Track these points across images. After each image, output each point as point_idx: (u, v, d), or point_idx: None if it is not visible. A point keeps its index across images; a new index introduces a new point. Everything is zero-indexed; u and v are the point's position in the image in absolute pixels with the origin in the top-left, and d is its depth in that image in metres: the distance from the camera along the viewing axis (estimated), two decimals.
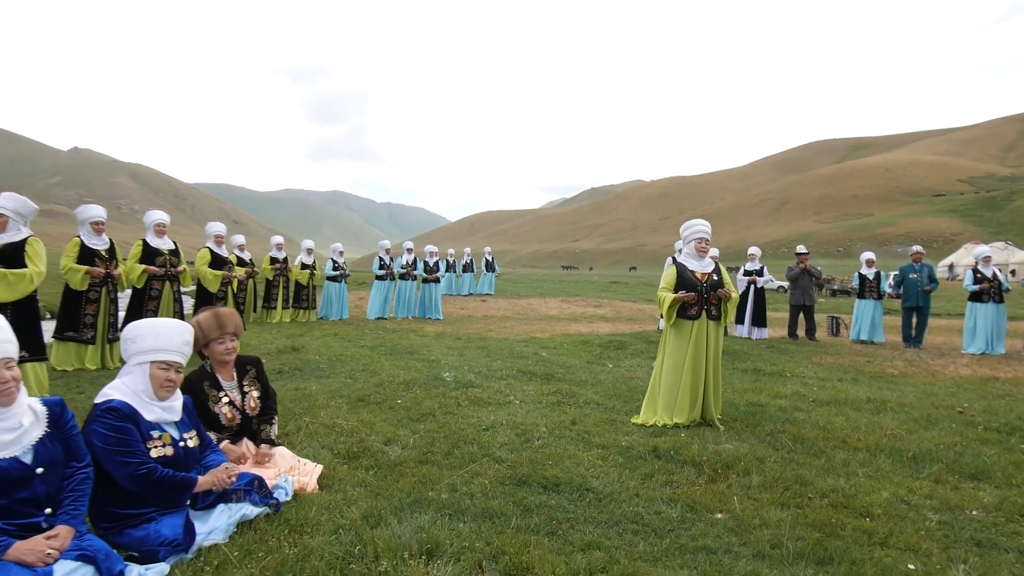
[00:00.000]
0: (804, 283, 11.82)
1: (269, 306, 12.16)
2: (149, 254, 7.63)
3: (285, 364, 7.20)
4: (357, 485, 3.40)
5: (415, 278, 14.18)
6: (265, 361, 3.86)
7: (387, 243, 14.72)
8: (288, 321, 12.22)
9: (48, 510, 2.27)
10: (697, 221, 5.42)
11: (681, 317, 5.12)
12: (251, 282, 11.49)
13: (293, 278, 12.46)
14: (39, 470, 2.26)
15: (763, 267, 11.92)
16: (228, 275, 9.85)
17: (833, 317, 13.51)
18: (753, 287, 11.65)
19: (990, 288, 10.33)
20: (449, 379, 6.48)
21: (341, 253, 13.57)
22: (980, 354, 9.91)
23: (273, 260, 12.15)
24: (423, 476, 3.57)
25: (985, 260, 10.61)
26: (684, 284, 5.14)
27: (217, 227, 10.13)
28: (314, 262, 12.93)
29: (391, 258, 14.05)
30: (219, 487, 2.78)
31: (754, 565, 2.65)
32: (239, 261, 10.90)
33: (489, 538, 2.79)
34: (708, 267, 5.26)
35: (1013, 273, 47.03)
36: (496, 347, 9.22)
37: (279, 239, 12.82)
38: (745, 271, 12.02)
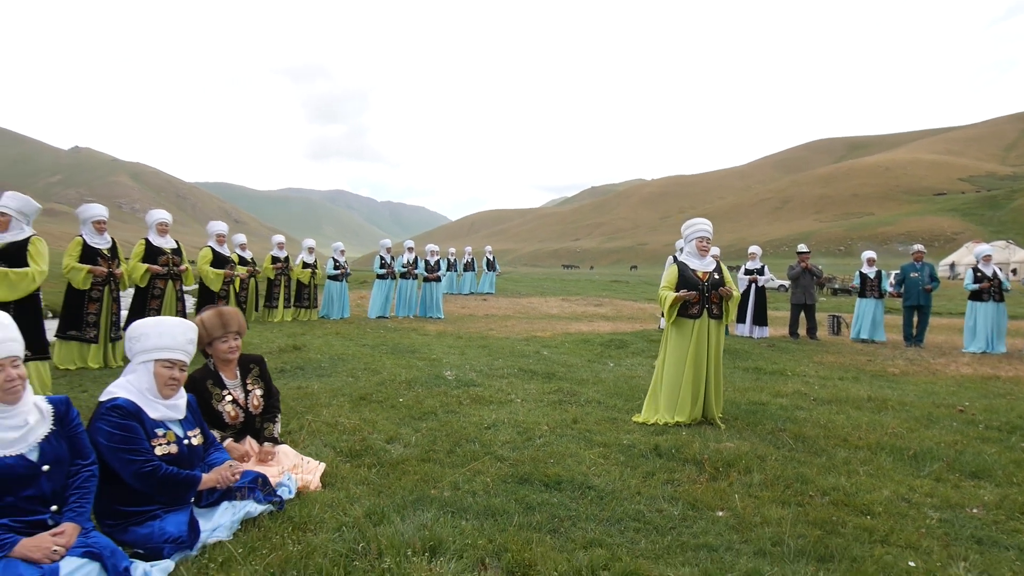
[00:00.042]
0: (805, 282, 11.83)
1: (271, 305, 12.18)
2: (152, 253, 7.65)
3: (287, 363, 7.21)
4: (360, 483, 3.42)
5: (416, 277, 14.19)
6: (267, 360, 3.87)
7: (388, 242, 14.74)
8: (289, 320, 12.23)
9: (54, 507, 2.29)
10: (698, 220, 5.42)
11: (682, 316, 5.13)
12: (253, 281, 11.51)
13: (294, 277, 12.47)
14: (45, 468, 2.28)
15: (764, 266, 11.92)
16: (230, 274, 9.86)
17: (834, 316, 13.52)
18: (754, 286, 11.66)
19: (990, 287, 10.34)
20: (451, 378, 6.48)
21: (342, 252, 13.58)
22: (981, 353, 9.91)
23: (275, 259, 12.17)
24: (425, 474, 3.58)
25: (985, 259, 10.62)
26: (685, 283, 5.15)
27: (219, 226, 10.14)
28: (315, 261, 12.94)
29: (392, 257, 14.06)
30: (223, 485, 2.80)
31: (755, 562, 2.67)
32: (240, 260, 10.92)
33: (492, 535, 2.80)
34: (709, 266, 5.26)
35: (1014, 272, 46.95)
36: (497, 346, 9.23)
37: (280, 238, 12.84)
38: (746, 270, 12.02)
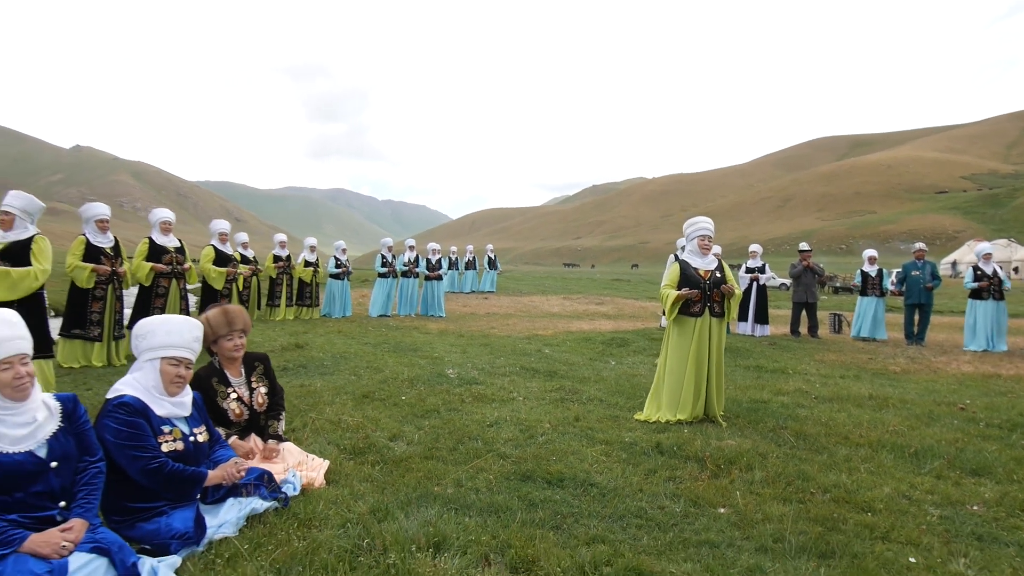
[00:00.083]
0: (807, 280, 11.84)
1: (273, 303, 12.22)
2: (156, 252, 7.68)
3: (290, 361, 7.23)
4: (364, 480, 3.44)
5: (418, 275, 14.21)
6: (270, 358, 3.90)
7: (389, 240, 14.75)
8: (291, 318, 12.26)
9: (62, 503, 2.32)
10: (700, 218, 5.43)
11: (684, 314, 5.14)
12: (255, 280, 11.54)
13: (296, 276, 12.50)
14: (53, 464, 2.30)
15: (765, 264, 11.93)
16: (232, 272, 9.89)
17: (835, 314, 13.53)
18: (755, 284, 11.67)
19: (989, 285, 10.34)
20: (453, 376, 6.50)
21: (344, 251, 13.60)
22: (982, 351, 9.92)
23: (276, 258, 12.20)
24: (429, 471, 3.60)
25: (986, 257, 10.62)
26: (687, 281, 5.16)
27: (221, 224, 10.16)
28: (317, 260, 12.97)
29: (393, 256, 14.08)
30: (229, 481, 2.83)
31: (756, 559, 2.69)
32: (242, 259, 10.94)
33: (495, 532, 2.82)
34: (711, 264, 5.27)
35: (1016, 271, 46.85)
36: (499, 344, 9.25)
37: (282, 237, 12.86)
38: (747, 268, 12.03)
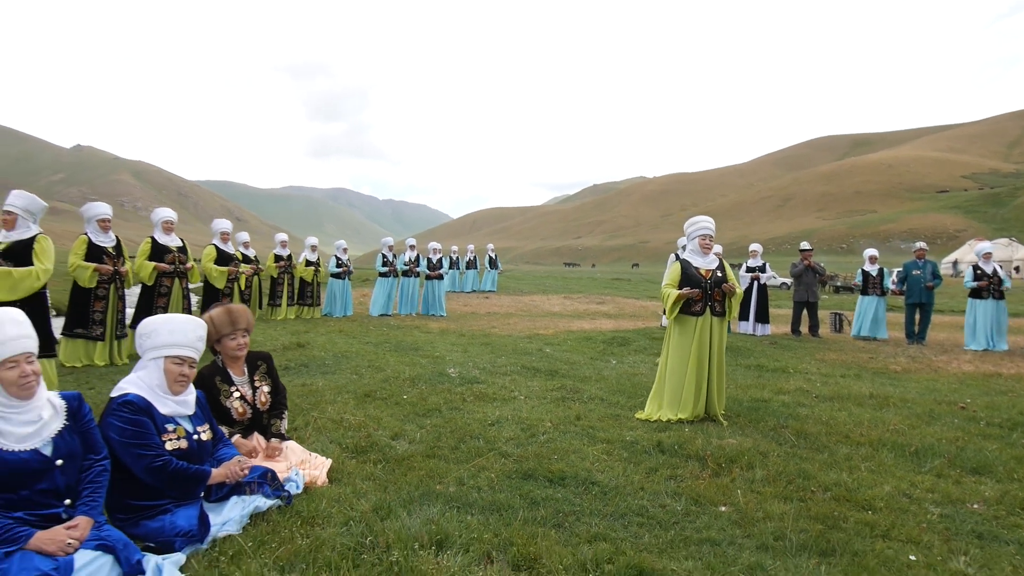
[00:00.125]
0: (807, 279, 11.84)
1: (274, 303, 12.24)
2: (158, 251, 7.69)
3: (291, 360, 7.25)
4: (366, 479, 3.45)
5: (418, 275, 14.23)
6: (272, 357, 3.91)
7: (390, 240, 14.76)
8: (293, 318, 12.28)
9: (68, 501, 2.33)
10: (701, 218, 5.43)
11: (685, 313, 5.14)
12: (256, 279, 11.56)
13: (297, 275, 12.52)
14: (59, 462, 2.32)
15: (765, 263, 11.94)
16: (234, 271, 9.91)
17: (836, 313, 13.54)
18: (756, 283, 11.67)
19: (989, 285, 10.35)
20: (454, 375, 6.52)
21: (345, 250, 13.61)
22: (983, 351, 9.92)
23: (277, 257, 12.22)
24: (431, 470, 3.62)
25: (986, 256, 10.62)
26: (688, 280, 5.16)
27: (223, 224, 10.17)
28: (318, 259, 12.99)
29: (394, 255, 14.09)
30: (232, 479, 2.84)
31: (757, 557, 2.70)
32: (244, 258, 10.96)
33: (497, 530, 2.84)
34: (712, 263, 5.27)
35: (1017, 270, 46.81)
36: (500, 343, 9.26)
37: (284, 236, 12.89)
38: (748, 267, 12.04)
